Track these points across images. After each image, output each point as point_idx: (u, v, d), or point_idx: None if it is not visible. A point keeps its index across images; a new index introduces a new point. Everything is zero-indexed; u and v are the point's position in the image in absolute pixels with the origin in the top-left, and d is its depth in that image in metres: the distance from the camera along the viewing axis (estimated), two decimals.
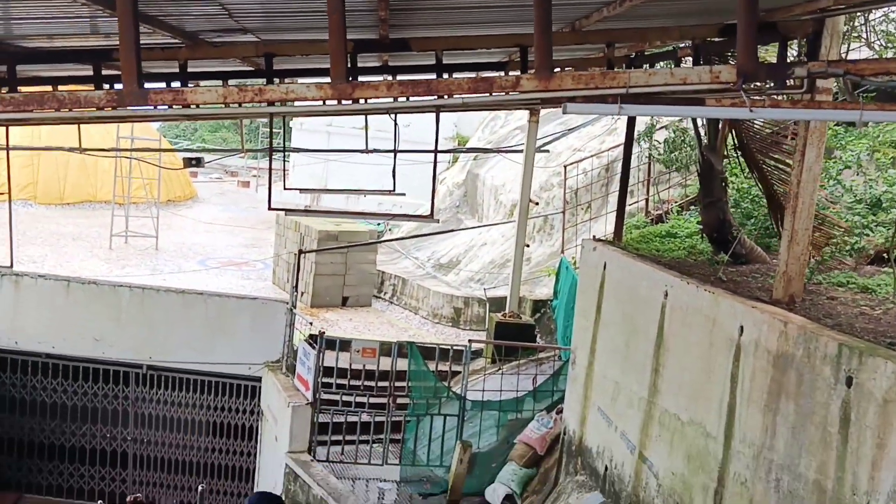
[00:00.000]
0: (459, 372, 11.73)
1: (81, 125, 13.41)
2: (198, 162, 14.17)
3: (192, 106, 4.63)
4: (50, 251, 19.15)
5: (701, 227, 8.58)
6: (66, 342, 14.27)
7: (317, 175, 26.96)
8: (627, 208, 10.47)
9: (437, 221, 12.86)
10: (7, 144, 11.27)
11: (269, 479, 12.62)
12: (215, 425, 14.52)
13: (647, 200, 14.56)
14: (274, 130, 13.73)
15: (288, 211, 13.19)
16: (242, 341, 13.91)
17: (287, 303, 13.45)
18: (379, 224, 22.86)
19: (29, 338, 14.30)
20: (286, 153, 13.46)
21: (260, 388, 13.79)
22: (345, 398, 11.54)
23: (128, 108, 3.81)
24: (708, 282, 6.59)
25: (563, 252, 14.88)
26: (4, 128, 11.46)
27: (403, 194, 12.51)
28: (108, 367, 14.45)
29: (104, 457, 14.96)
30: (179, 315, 14.08)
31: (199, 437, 14.60)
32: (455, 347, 11.73)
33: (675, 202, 13.20)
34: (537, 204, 17.15)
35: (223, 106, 4.95)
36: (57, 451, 15.02)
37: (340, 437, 11.68)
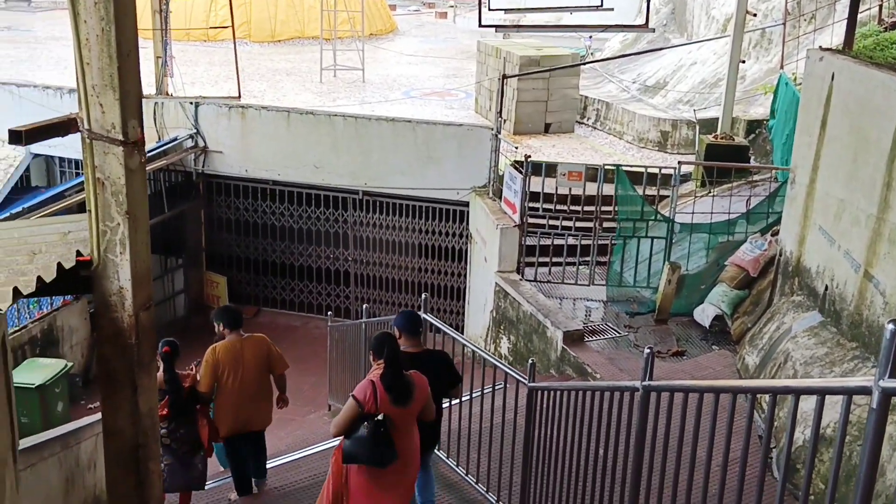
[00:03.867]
0: (667, 196, 11.55)
1: None
2: None
3: None
4: (267, 86, 20.21)
5: None
6: (290, 169, 15.32)
7: None
8: (858, 16, 9.52)
9: (653, 31, 12.29)
10: None
11: (479, 297, 13.28)
12: (427, 247, 15.33)
13: (880, 7, 13.13)
14: None
15: (498, 27, 13.02)
16: (450, 167, 14.34)
17: (492, 129, 13.61)
18: (581, 48, 22.20)
19: (257, 166, 15.48)
20: None
21: (468, 212, 14.28)
22: (551, 222, 11.71)
23: None
24: None
25: (782, 67, 13.87)
26: None
27: (612, 9, 12.00)
28: (328, 192, 15.46)
29: (328, 275, 16.30)
30: (391, 143, 14.65)
31: (412, 258, 15.50)
32: (663, 171, 11.49)
33: None
34: (755, 16, 15.89)
35: None
36: (287, 270, 16.51)
37: (547, 259, 11.97)
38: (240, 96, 15.12)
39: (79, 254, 3.30)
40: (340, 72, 21.58)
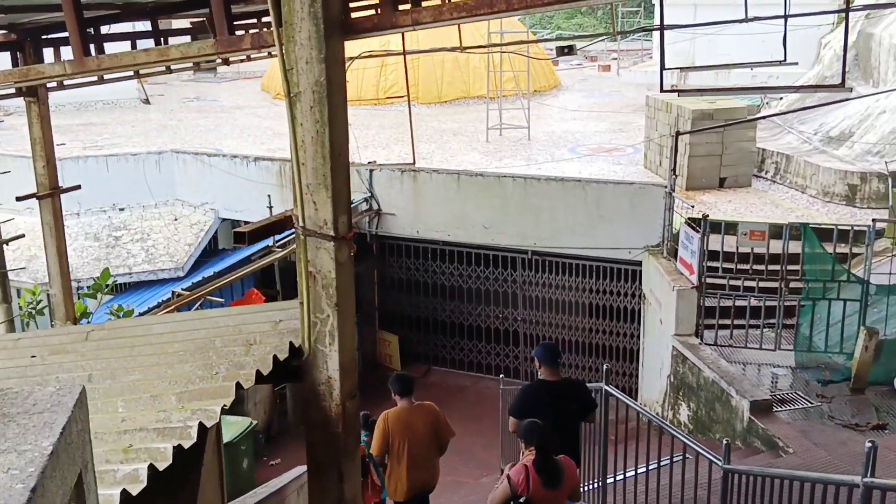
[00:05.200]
0: (860, 254, 10.85)
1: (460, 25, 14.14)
2: (570, 50, 14.27)
3: None
4: (436, 147, 20.70)
5: None
6: (459, 230, 15.55)
7: (682, 52, 25.78)
8: None
9: (850, 90, 11.64)
10: (403, 49, 12.24)
11: (654, 360, 12.86)
12: (597, 307, 15.06)
13: None
14: (637, 9, 13.31)
15: (681, 91, 12.75)
16: (621, 226, 14.09)
17: (664, 186, 13.30)
18: (756, 98, 21.43)
19: (428, 227, 15.81)
20: (662, 31, 12.87)
21: (640, 272, 13.94)
22: (731, 282, 11.24)
23: None
24: None
25: None
26: (400, 34, 12.47)
27: (796, 63, 11.49)
28: (497, 252, 15.54)
29: (497, 335, 16.29)
30: (560, 202, 14.60)
31: (582, 318, 15.26)
32: (855, 228, 10.81)
33: None
34: None
35: None
36: (457, 329, 16.64)
37: (728, 322, 11.46)
38: (414, 161, 15.53)
39: (291, 345, 3.41)
40: (506, 131, 21.82)
